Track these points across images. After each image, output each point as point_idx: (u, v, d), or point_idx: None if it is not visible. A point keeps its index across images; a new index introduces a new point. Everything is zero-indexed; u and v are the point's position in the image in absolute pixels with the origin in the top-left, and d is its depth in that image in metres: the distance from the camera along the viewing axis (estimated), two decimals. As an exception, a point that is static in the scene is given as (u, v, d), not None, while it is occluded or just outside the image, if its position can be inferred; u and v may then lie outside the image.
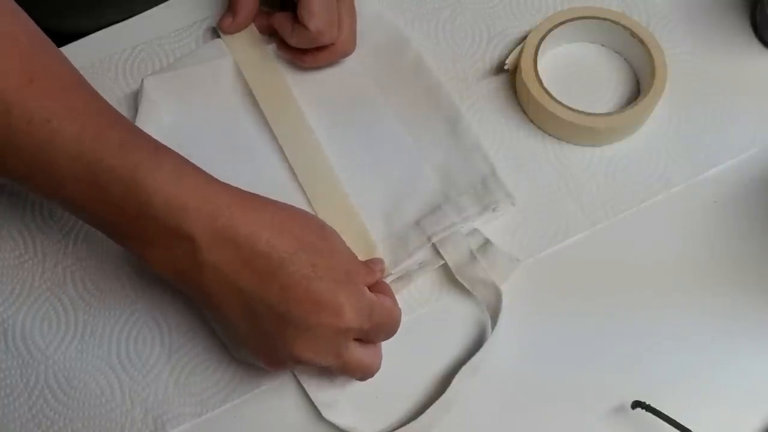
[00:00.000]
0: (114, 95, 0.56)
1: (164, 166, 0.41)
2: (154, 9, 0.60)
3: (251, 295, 0.40)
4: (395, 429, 0.45)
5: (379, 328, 0.44)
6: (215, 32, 0.57)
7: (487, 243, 0.50)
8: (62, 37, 0.58)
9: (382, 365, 0.47)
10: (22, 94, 0.40)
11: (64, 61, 0.43)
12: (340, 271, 0.42)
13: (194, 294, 0.42)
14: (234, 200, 0.41)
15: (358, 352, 0.43)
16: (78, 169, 0.40)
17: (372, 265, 0.46)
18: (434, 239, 0.50)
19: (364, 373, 0.44)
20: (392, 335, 0.45)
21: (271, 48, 0.57)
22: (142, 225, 0.40)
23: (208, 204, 0.40)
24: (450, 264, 0.49)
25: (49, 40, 0.43)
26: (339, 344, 0.41)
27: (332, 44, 0.53)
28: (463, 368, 0.46)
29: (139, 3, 0.60)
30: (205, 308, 0.43)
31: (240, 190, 0.42)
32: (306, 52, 0.54)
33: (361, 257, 0.48)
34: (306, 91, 0.56)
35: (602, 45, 0.58)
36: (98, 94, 0.43)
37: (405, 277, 0.50)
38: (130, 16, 0.60)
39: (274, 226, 0.41)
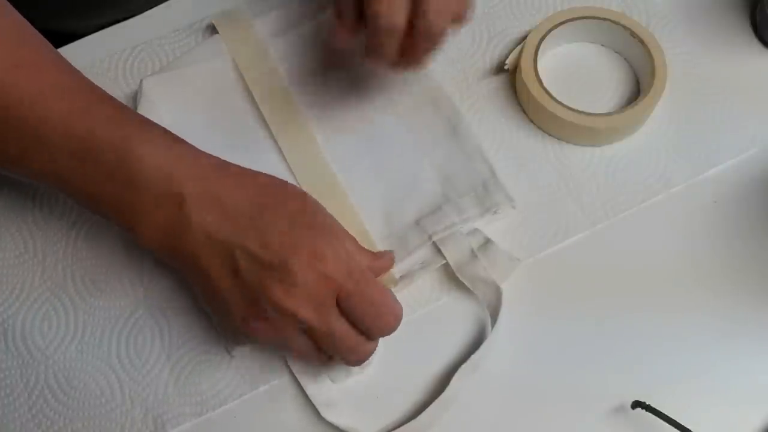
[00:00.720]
0: (114, 95, 0.55)
1: (154, 136, 0.43)
2: (154, 9, 0.60)
3: (233, 246, 0.41)
4: (395, 428, 0.45)
5: (363, 299, 0.41)
6: (214, 30, 0.57)
7: (487, 242, 0.50)
8: (62, 37, 0.58)
9: (381, 365, 0.47)
10: (12, 76, 0.42)
11: (49, 46, 0.46)
12: (323, 225, 0.43)
13: (180, 259, 0.43)
14: (221, 165, 0.44)
15: (346, 324, 0.42)
16: (70, 142, 0.42)
17: (379, 254, 0.46)
18: (434, 238, 0.50)
19: (354, 351, 0.43)
20: (384, 324, 0.43)
21: (269, 47, 0.57)
22: (133, 193, 0.42)
23: (196, 168, 0.43)
24: (451, 262, 0.49)
25: (33, 28, 0.45)
26: (321, 296, 0.41)
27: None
28: (463, 366, 0.46)
29: (137, 4, 0.60)
30: (191, 273, 0.43)
31: (226, 160, 0.44)
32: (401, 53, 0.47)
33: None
34: (304, 90, 0.56)
35: (602, 45, 0.58)
36: (83, 75, 0.45)
37: (406, 276, 0.50)
38: (130, 17, 0.60)
39: (259, 188, 0.43)
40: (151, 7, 0.60)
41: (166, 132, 0.44)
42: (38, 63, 0.44)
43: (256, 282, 0.41)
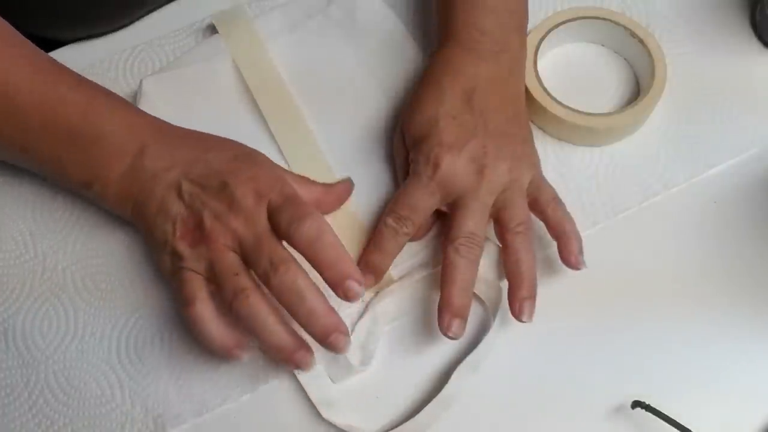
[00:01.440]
0: (114, 95, 0.56)
1: (115, 100, 0.48)
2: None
3: (181, 178, 0.45)
4: (395, 427, 0.45)
5: (287, 210, 0.44)
6: (214, 30, 0.57)
7: (487, 240, 0.50)
8: (58, 45, 0.58)
9: (381, 364, 0.48)
10: None
11: (11, 27, 0.48)
12: (263, 161, 0.47)
13: (133, 205, 0.47)
14: (173, 126, 0.49)
15: (274, 239, 0.44)
16: (42, 109, 0.46)
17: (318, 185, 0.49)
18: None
19: (277, 266, 0.42)
20: (305, 229, 0.43)
21: (270, 47, 0.57)
22: (95, 149, 0.46)
23: (153, 125, 0.48)
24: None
25: None
26: (252, 209, 0.44)
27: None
28: (462, 365, 0.46)
29: (130, 15, 0.59)
30: (141, 216, 0.46)
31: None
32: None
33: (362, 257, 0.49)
34: (305, 90, 0.56)
35: (602, 45, 0.58)
36: (45, 53, 0.49)
37: (406, 276, 0.50)
38: (124, 26, 0.59)
39: (206, 140, 0.48)
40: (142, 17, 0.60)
41: (124, 99, 0.49)
42: (8, 39, 0.47)
43: (198, 203, 0.45)
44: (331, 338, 0.42)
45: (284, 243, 0.44)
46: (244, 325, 0.43)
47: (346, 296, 0.43)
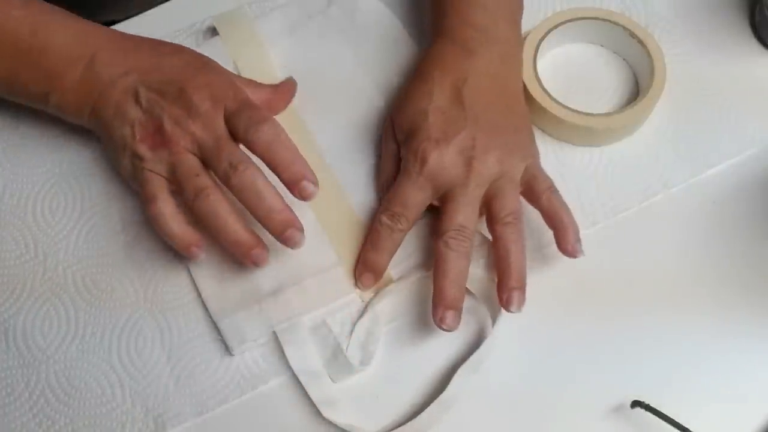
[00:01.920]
0: (115, 96, 0.56)
1: (62, 12, 0.50)
2: (155, 9, 0.60)
3: (137, 84, 0.47)
4: (395, 428, 0.45)
5: (243, 114, 0.46)
6: (215, 32, 0.58)
7: (486, 241, 0.50)
8: None
9: (382, 365, 0.48)
10: None
11: None
12: (214, 67, 0.50)
13: (92, 113, 0.48)
14: (125, 33, 0.51)
15: (232, 142, 0.46)
16: None
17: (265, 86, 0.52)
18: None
19: (237, 167, 0.45)
20: (261, 132, 0.45)
21: (270, 48, 0.57)
22: (47, 60, 0.48)
23: (103, 33, 0.50)
24: (450, 263, 0.49)
25: None
26: (210, 114, 0.46)
27: None
28: (463, 366, 0.46)
29: (132, 6, 0.60)
30: (101, 123, 0.48)
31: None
32: None
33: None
34: (305, 90, 0.56)
35: (602, 46, 0.58)
36: None
37: (405, 277, 0.50)
38: (124, 19, 0.60)
39: (158, 45, 0.50)
40: (145, 10, 0.60)
41: (75, 15, 0.50)
42: None
43: (157, 108, 0.46)
44: (287, 233, 0.45)
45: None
46: (205, 224, 0.45)
47: (302, 195, 0.45)
